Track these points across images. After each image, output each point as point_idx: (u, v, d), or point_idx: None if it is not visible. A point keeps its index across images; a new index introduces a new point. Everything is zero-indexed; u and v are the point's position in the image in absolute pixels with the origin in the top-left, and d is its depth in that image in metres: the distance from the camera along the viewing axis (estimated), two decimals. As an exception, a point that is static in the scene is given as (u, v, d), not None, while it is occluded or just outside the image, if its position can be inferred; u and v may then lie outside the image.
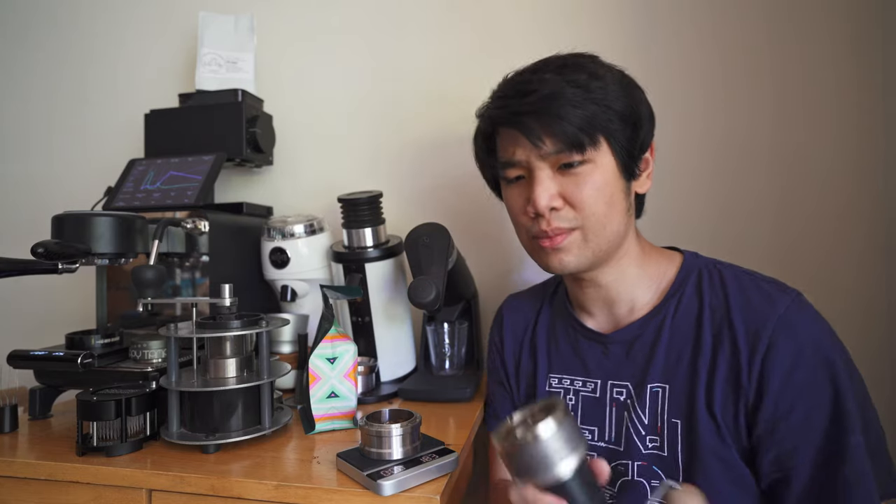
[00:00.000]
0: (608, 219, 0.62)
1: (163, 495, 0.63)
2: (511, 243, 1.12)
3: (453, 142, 1.15)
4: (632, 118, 0.62)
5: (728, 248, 0.98)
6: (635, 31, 1.06)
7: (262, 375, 0.72)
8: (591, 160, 0.61)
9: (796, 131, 1.00)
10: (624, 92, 0.62)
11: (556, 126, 0.59)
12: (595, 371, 0.69)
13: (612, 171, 0.62)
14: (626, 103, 0.61)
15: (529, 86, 0.61)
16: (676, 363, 0.62)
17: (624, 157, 0.62)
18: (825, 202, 0.98)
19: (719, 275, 0.65)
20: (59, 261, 0.70)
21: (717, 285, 0.64)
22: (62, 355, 0.77)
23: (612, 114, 0.60)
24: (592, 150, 0.60)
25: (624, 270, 0.67)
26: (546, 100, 0.59)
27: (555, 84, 0.60)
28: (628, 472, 0.62)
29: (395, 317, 0.97)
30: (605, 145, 0.61)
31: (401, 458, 0.61)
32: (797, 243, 0.99)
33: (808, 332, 0.57)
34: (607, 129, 0.61)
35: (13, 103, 1.40)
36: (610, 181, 0.62)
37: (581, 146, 0.60)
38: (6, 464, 0.67)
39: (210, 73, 1.12)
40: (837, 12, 0.98)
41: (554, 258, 0.64)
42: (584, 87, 0.60)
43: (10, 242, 1.31)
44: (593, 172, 0.61)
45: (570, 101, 0.59)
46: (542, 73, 0.62)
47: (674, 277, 0.67)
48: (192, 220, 0.89)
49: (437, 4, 1.16)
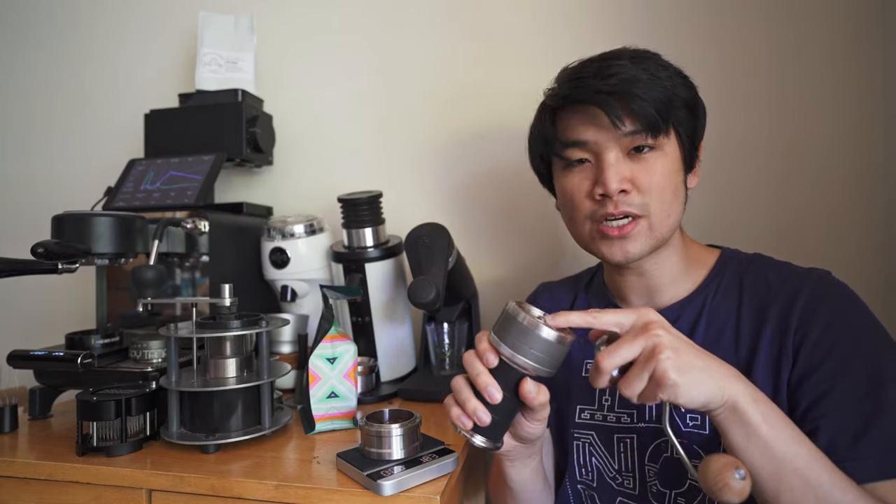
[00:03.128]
0: (672, 207, 0.63)
1: (163, 495, 0.63)
2: (511, 243, 1.12)
3: (454, 142, 1.15)
4: (695, 109, 0.65)
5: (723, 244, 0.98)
6: (635, 31, 1.06)
7: (262, 375, 0.72)
8: (659, 147, 0.62)
9: (795, 131, 0.99)
10: (685, 83, 0.64)
11: (637, 106, 0.59)
12: None
13: (677, 160, 0.64)
14: (689, 94, 0.64)
15: (609, 69, 0.61)
16: (716, 342, 0.63)
17: (687, 147, 0.65)
18: (824, 201, 0.98)
19: (758, 262, 0.67)
20: (59, 261, 0.70)
21: (755, 271, 0.65)
22: (62, 355, 0.77)
23: (680, 101, 0.62)
24: (664, 136, 0.62)
25: (668, 258, 0.68)
26: (627, 82, 0.60)
27: (631, 69, 0.61)
28: (669, 450, 0.63)
29: (395, 317, 0.97)
30: (672, 133, 0.63)
31: (401, 458, 0.61)
32: (796, 242, 0.99)
33: (843, 297, 0.60)
34: (677, 117, 0.63)
35: (13, 103, 1.40)
36: (675, 170, 0.63)
37: (657, 128, 0.60)
38: (6, 464, 0.67)
39: (210, 73, 1.12)
40: (837, 12, 0.98)
41: (618, 247, 0.64)
42: (655, 76, 0.61)
43: (10, 242, 1.31)
44: (661, 159, 0.62)
45: (648, 84, 0.60)
46: (615, 59, 0.63)
47: (713, 265, 0.69)
48: (192, 220, 0.89)
49: (437, 5, 1.16)
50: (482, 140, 1.13)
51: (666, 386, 0.47)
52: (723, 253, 0.70)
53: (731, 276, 0.66)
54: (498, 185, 1.12)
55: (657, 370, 0.47)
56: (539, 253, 1.10)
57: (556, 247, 1.08)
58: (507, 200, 1.12)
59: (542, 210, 1.08)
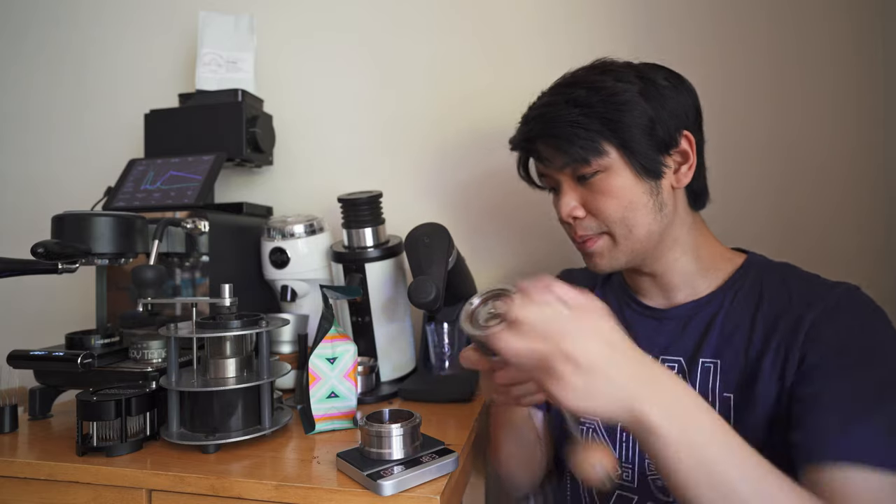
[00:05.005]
0: (633, 222, 0.65)
1: (163, 495, 0.63)
2: (511, 243, 1.12)
3: (454, 141, 1.15)
4: (641, 121, 0.63)
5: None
6: (635, 32, 1.06)
7: (262, 375, 0.72)
8: (604, 169, 0.64)
9: (795, 130, 0.99)
10: (631, 97, 0.63)
11: (558, 146, 0.64)
12: (645, 345, 0.69)
13: (629, 176, 0.64)
14: (633, 109, 0.62)
15: (535, 111, 0.68)
16: (728, 341, 0.64)
17: (639, 159, 0.63)
18: (825, 201, 0.98)
19: (784, 271, 0.66)
20: (59, 261, 0.70)
21: (779, 280, 0.65)
22: (62, 355, 0.76)
23: (616, 124, 0.62)
24: (599, 160, 0.63)
25: (676, 260, 0.68)
26: (546, 124, 0.65)
27: (554, 105, 0.65)
28: None
29: (395, 317, 0.97)
30: (614, 153, 0.63)
31: (401, 458, 0.61)
32: (794, 242, 0.99)
33: (864, 310, 0.59)
34: (613, 138, 0.63)
35: (13, 103, 1.40)
36: (627, 186, 0.64)
37: (585, 160, 0.63)
38: (6, 464, 0.67)
39: (210, 73, 1.12)
40: (837, 12, 0.98)
41: (589, 261, 0.70)
42: (583, 104, 0.63)
43: (10, 242, 1.31)
44: (607, 180, 0.64)
45: (566, 120, 0.63)
46: (548, 95, 0.68)
47: (734, 270, 0.68)
48: (192, 220, 0.89)
49: (437, 5, 1.16)
50: (482, 140, 1.13)
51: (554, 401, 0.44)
52: (748, 258, 0.69)
53: (753, 283, 0.66)
54: (498, 185, 1.12)
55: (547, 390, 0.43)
56: (539, 253, 1.10)
57: (557, 247, 1.08)
58: (507, 200, 1.12)
59: (542, 210, 1.07)
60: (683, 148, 0.66)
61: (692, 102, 0.67)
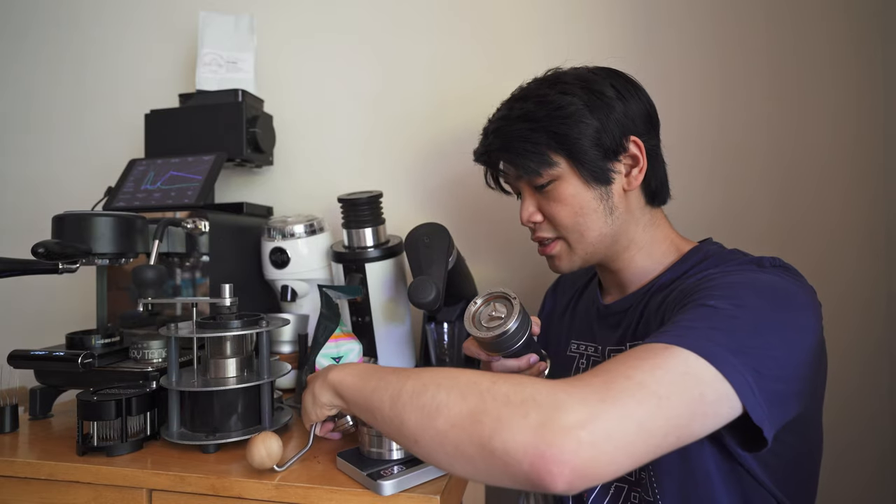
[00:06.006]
0: (584, 227, 0.68)
1: (163, 495, 0.63)
2: (511, 243, 1.12)
3: (454, 141, 1.15)
4: (587, 132, 0.65)
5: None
6: (635, 31, 1.06)
7: (262, 375, 0.72)
8: (556, 177, 0.67)
9: (795, 130, 1.00)
10: (576, 109, 0.65)
11: (509, 159, 0.69)
12: (599, 337, 0.75)
13: (578, 184, 0.67)
14: (578, 121, 0.64)
15: (492, 125, 0.72)
16: (646, 331, 0.65)
17: (587, 168, 0.65)
18: (823, 200, 0.99)
19: (720, 255, 0.66)
20: (59, 261, 0.70)
21: (709, 264, 0.64)
22: (62, 355, 0.76)
23: (562, 137, 0.65)
24: (550, 171, 0.66)
25: (632, 258, 0.71)
26: (497, 138, 0.70)
27: (507, 119, 0.69)
28: None
29: (395, 317, 0.97)
30: (563, 163, 0.66)
31: (401, 457, 0.61)
32: (794, 241, 0.99)
33: (745, 267, 0.58)
34: (561, 150, 0.65)
35: (14, 103, 1.40)
36: (578, 193, 0.67)
37: (536, 172, 0.67)
38: (6, 464, 0.67)
39: (210, 73, 1.12)
40: (837, 12, 0.98)
41: (550, 263, 0.75)
42: (531, 119, 0.66)
43: (10, 242, 1.31)
44: (559, 188, 0.67)
45: (517, 135, 0.67)
46: (503, 108, 0.72)
47: (673, 262, 0.69)
48: (193, 220, 0.89)
49: (437, 5, 1.16)
50: (482, 140, 1.13)
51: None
52: (694, 247, 0.70)
53: (681, 270, 0.66)
54: (498, 185, 1.12)
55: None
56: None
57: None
58: (507, 200, 1.11)
59: (542, 210, 1.08)
60: (633, 153, 0.67)
61: (643, 108, 0.68)
